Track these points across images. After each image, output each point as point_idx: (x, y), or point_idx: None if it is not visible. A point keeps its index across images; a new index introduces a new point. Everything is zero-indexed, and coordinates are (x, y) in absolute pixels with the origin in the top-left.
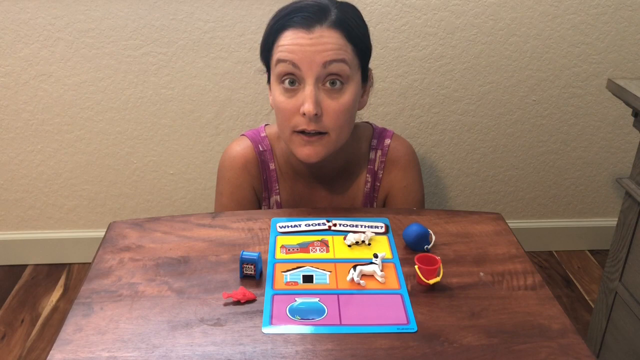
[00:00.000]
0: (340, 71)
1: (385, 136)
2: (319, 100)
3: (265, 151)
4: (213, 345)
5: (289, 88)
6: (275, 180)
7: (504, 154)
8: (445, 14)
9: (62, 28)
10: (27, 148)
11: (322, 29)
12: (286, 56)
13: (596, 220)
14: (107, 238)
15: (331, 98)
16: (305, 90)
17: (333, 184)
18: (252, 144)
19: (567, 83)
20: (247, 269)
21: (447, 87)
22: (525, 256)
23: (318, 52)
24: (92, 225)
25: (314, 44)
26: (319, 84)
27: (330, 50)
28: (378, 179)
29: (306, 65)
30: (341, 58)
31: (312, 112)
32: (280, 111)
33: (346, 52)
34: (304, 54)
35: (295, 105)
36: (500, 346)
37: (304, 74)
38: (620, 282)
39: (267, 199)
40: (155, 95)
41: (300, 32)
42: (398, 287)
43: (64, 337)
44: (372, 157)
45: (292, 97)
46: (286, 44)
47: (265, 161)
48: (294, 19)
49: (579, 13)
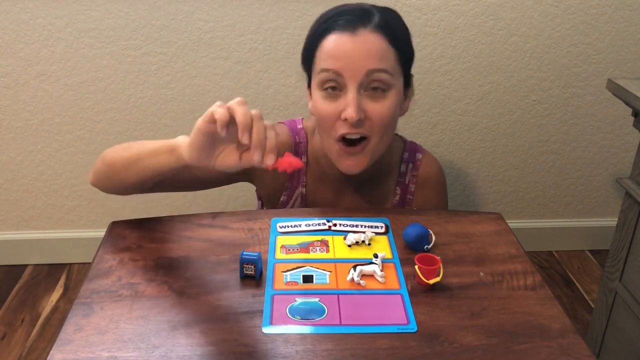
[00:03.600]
0: (382, 79)
1: (416, 150)
2: (361, 105)
3: (300, 143)
4: (213, 345)
5: (331, 93)
6: (304, 173)
7: (504, 154)
8: (445, 14)
9: (62, 28)
10: (27, 148)
11: (366, 31)
12: (329, 64)
13: (596, 220)
14: (107, 238)
15: (374, 102)
16: (348, 96)
17: (359, 192)
18: (290, 132)
19: (567, 83)
20: (247, 269)
21: (447, 87)
22: (525, 256)
23: (361, 59)
24: (92, 225)
25: (358, 49)
26: (361, 90)
27: (374, 57)
28: (409, 193)
29: (349, 73)
30: (384, 68)
31: (355, 118)
32: (322, 117)
33: (389, 60)
34: (348, 61)
35: (336, 110)
36: (500, 346)
37: (347, 80)
38: (620, 282)
39: (290, 189)
40: (155, 95)
41: (344, 36)
42: (398, 287)
43: (64, 337)
44: (403, 170)
45: (333, 102)
46: (329, 49)
47: (300, 152)
48: (337, 22)
49: (579, 13)
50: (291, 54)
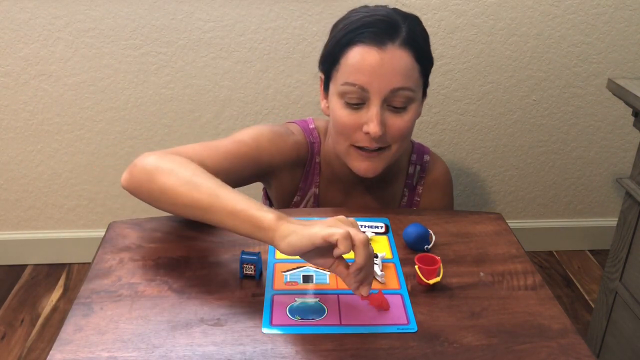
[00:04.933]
0: (406, 96)
1: (423, 152)
2: (384, 120)
3: (314, 143)
4: (213, 345)
5: (353, 104)
6: (318, 173)
7: (504, 154)
8: (445, 14)
9: (62, 28)
10: (27, 148)
11: (394, 47)
12: (355, 79)
13: (596, 220)
14: (106, 238)
15: (395, 116)
16: (371, 111)
17: (368, 193)
18: (304, 133)
19: (567, 83)
20: (247, 269)
21: (447, 87)
22: (525, 256)
23: (387, 76)
24: (92, 225)
25: (385, 65)
26: (384, 105)
27: (400, 74)
28: (417, 194)
29: (375, 88)
30: (408, 86)
31: (379, 134)
32: (340, 125)
33: (413, 77)
34: (373, 77)
35: (357, 122)
36: (500, 346)
37: (371, 95)
38: (620, 282)
39: (304, 189)
40: (155, 95)
41: (372, 50)
42: (398, 287)
43: (64, 337)
44: (411, 171)
45: (354, 113)
46: (355, 62)
47: (313, 153)
48: (364, 34)
49: (579, 13)
50: (291, 54)
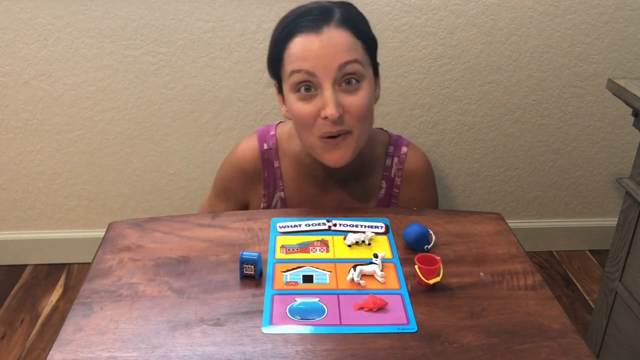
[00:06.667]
0: (355, 71)
1: (401, 144)
2: (339, 101)
3: (270, 149)
4: (213, 345)
5: (306, 94)
6: (280, 177)
7: (504, 154)
8: (445, 14)
9: (62, 28)
10: (27, 148)
11: (331, 28)
12: (300, 65)
13: (596, 220)
14: (107, 238)
15: (350, 95)
16: (325, 95)
17: (344, 187)
18: (257, 143)
19: (567, 83)
20: (247, 269)
21: (447, 87)
22: (525, 256)
23: (331, 55)
24: (92, 225)
25: (326, 46)
26: (335, 86)
27: (342, 51)
28: (395, 186)
29: (322, 71)
30: (354, 58)
31: (336, 115)
32: (300, 119)
33: (357, 51)
34: (318, 60)
35: (314, 110)
36: (500, 346)
37: (320, 79)
38: (620, 282)
39: (268, 195)
40: (155, 95)
41: (309, 36)
42: (398, 287)
43: (64, 337)
44: (389, 164)
45: (310, 103)
46: (297, 51)
47: (269, 159)
48: (300, 24)
49: (579, 13)
50: None
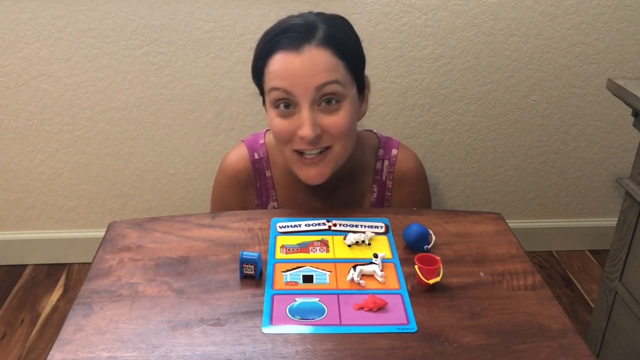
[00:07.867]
0: (334, 91)
1: (391, 146)
2: (316, 122)
3: (261, 159)
4: (213, 345)
5: (285, 111)
6: (272, 187)
7: (504, 154)
8: (445, 14)
9: (62, 28)
10: (27, 148)
11: (311, 48)
12: (279, 84)
13: (596, 220)
14: (107, 238)
15: (329, 115)
16: (302, 114)
17: (336, 193)
18: (247, 152)
19: (567, 83)
20: (247, 269)
21: (447, 87)
22: (525, 256)
23: (310, 76)
24: (92, 225)
25: (305, 66)
26: (314, 106)
27: (322, 71)
28: (387, 189)
29: (300, 90)
30: (334, 79)
31: (311, 136)
32: (278, 135)
33: (338, 71)
34: (296, 79)
35: (291, 127)
36: (500, 346)
37: (298, 98)
38: (620, 282)
39: (261, 205)
40: (155, 95)
41: (289, 55)
42: (398, 287)
43: (64, 337)
44: (379, 167)
45: (287, 120)
46: (277, 69)
47: (261, 169)
48: (281, 40)
49: (579, 13)
50: None
